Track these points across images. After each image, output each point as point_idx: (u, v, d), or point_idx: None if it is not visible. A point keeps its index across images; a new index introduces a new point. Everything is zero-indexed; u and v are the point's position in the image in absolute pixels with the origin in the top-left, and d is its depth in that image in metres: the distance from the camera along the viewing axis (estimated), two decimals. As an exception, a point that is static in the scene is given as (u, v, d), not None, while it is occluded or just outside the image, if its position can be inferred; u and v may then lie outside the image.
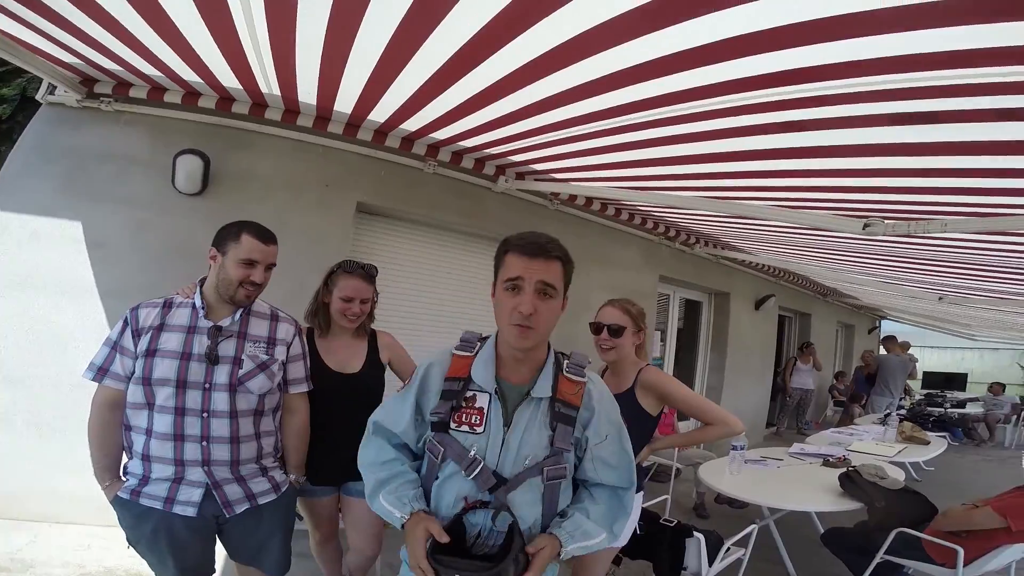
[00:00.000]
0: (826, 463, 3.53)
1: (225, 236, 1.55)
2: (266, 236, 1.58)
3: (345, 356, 1.95)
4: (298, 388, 1.72)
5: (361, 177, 3.31)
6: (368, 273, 1.95)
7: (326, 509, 1.99)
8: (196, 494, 1.48)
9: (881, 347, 7.61)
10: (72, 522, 2.73)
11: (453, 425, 1.14)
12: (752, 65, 1.50)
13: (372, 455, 1.23)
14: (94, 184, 2.77)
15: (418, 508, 1.11)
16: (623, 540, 1.81)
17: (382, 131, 3.16)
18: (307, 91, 2.56)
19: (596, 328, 1.94)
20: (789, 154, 2.18)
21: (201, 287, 1.57)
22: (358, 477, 1.74)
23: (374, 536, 1.98)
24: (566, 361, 1.23)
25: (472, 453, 1.11)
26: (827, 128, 1.82)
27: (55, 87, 2.71)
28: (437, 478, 1.15)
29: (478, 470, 1.10)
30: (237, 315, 1.56)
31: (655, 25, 1.40)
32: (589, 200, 4.27)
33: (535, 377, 1.18)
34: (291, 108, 2.95)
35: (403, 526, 1.10)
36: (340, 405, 1.85)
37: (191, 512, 1.48)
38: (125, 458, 1.54)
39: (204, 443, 1.47)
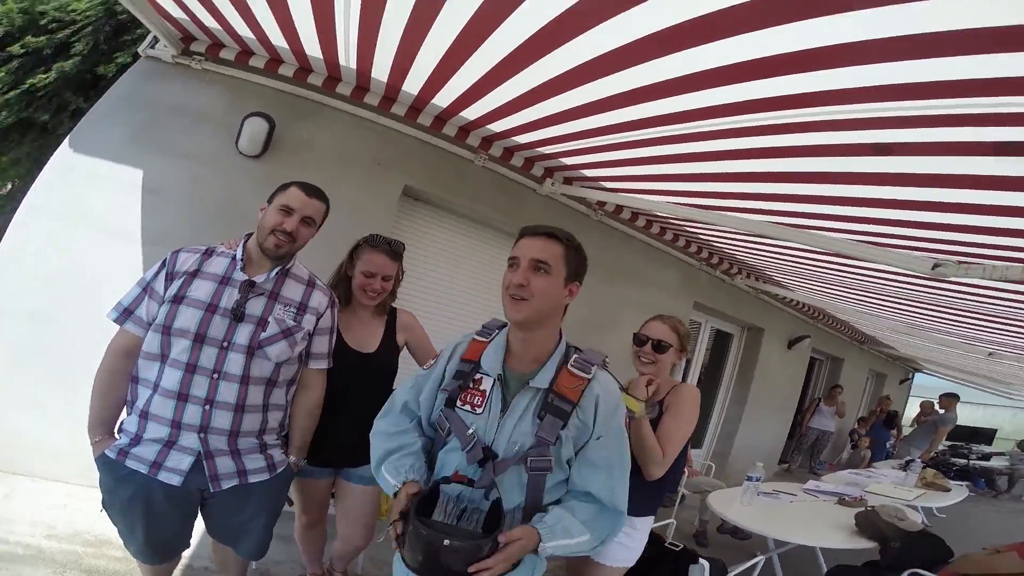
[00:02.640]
0: (841, 502, 3.50)
1: (277, 191, 1.55)
2: (310, 190, 1.54)
3: (363, 334, 1.88)
4: (318, 364, 1.64)
5: (412, 161, 3.34)
6: (394, 249, 1.87)
7: (319, 492, 1.91)
8: (185, 462, 1.41)
9: (936, 403, 7.46)
10: (55, 479, 2.68)
11: (459, 404, 1.21)
12: (830, 79, 1.43)
13: (387, 425, 1.30)
14: (163, 136, 2.89)
15: (411, 478, 1.18)
16: (631, 560, 1.75)
17: (442, 118, 3.21)
18: (382, 65, 2.61)
19: (640, 340, 1.88)
20: (856, 180, 2.08)
21: (246, 241, 1.55)
22: (360, 462, 1.80)
23: (365, 526, 1.90)
24: (576, 355, 1.22)
25: (470, 431, 1.18)
26: (914, 154, 1.70)
27: (156, 42, 2.85)
28: (443, 447, 1.23)
29: (470, 447, 1.16)
30: (273, 273, 1.51)
31: (722, 33, 1.38)
32: (634, 215, 4.21)
33: (540, 367, 1.21)
34: (362, 85, 3.03)
35: (395, 495, 1.17)
36: (352, 384, 1.78)
37: (175, 480, 1.40)
38: (124, 414, 1.49)
39: (207, 407, 1.41)
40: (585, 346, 1.28)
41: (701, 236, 4.40)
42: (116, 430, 1.48)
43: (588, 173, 3.36)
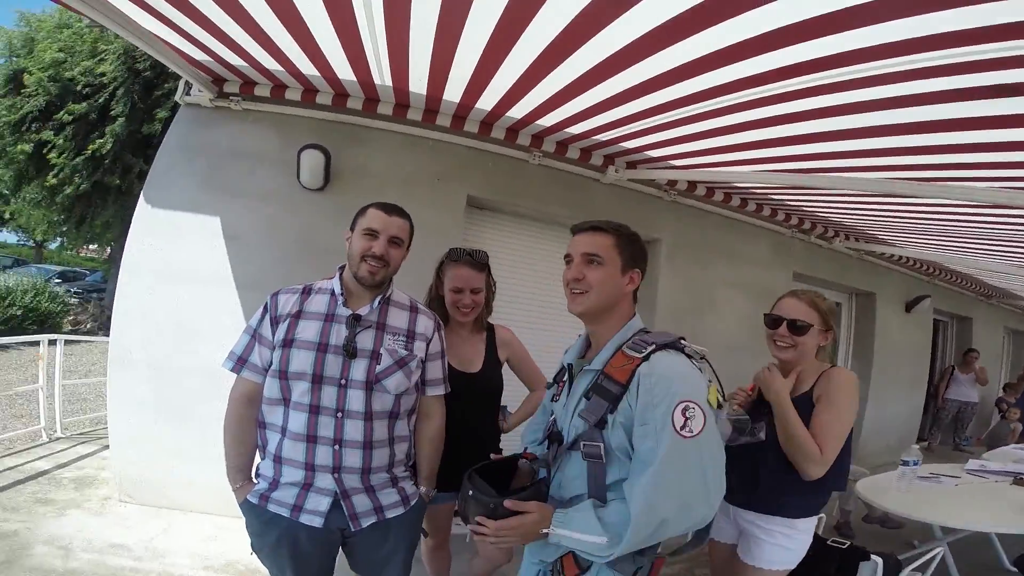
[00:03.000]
0: (1017, 481, 3.14)
1: (357, 215, 1.52)
2: (389, 208, 1.50)
3: (466, 353, 1.86)
4: (435, 390, 1.61)
5: (470, 170, 3.27)
6: (477, 260, 1.85)
7: (443, 516, 1.91)
8: (324, 503, 1.41)
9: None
10: (203, 511, 2.91)
11: (556, 398, 1.32)
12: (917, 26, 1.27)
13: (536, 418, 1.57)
14: (229, 180, 2.98)
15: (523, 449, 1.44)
16: (792, 563, 1.60)
17: (487, 122, 3.10)
18: (418, 78, 2.52)
19: (773, 322, 1.68)
20: (976, 125, 1.79)
21: (341, 273, 1.52)
22: None
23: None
24: (635, 337, 1.17)
25: (552, 417, 1.32)
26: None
27: (190, 87, 2.95)
28: None
29: (545, 429, 1.31)
30: (376, 302, 1.47)
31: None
32: (710, 190, 3.87)
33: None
34: (401, 102, 2.96)
35: None
36: (462, 406, 1.73)
37: (317, 522, 1.41)
38: (258, 458, 1.51)
39: (336, 447, 1.41)
40: (677, 333, 1.20)
41: (789, 202, 4.03)
42: (254, 474, 1.51)
43: (654, 154, 3.11)
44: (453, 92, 2.66)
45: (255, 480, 1.49)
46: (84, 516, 2.82)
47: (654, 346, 1.10)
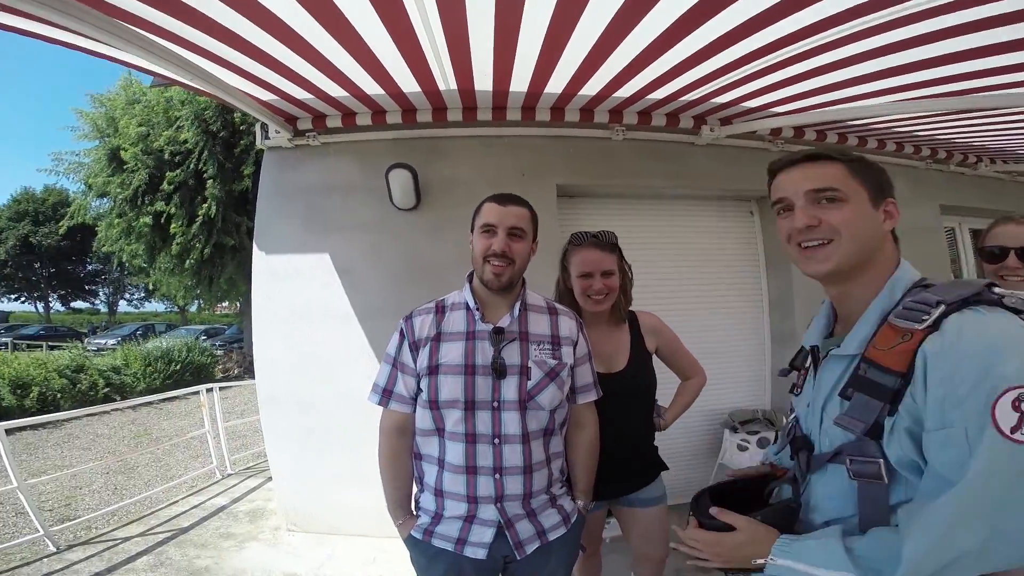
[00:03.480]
0: None
1: (474, 215, 1.42)
2: (504, 198, 1.38)
3: (607, 350, 1.68)
4: (587, 397, 1.48)
5: (553, 160, 3.17)
6: (603, 240, 1.68)
7: (596, 525, 1.82)
8: (488, 534, 1.34)
9: None
10: (362, 534, 3.06)
11: (797, 391, 1.05)
12: None
13: None
14: (327, 215, 3.10)
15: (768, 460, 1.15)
16: None
17: (558, 107, 2.95)
18: (483, 73, 2.44)
19: (993, 255, 1.41)
20: None
21: (471, 282, 1.42)
22: (636, 487, 1.73)
23: (663, 540, 1.77)
24: (907, 298, 0.82)
25: (792, 416, 1.04)
26: None
27: (267, 131, 3.09)
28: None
29: (787, 435, 1.02)
30: (516, 310, 1.37)
31: None
32: (820, 132, 3.41)
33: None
34: (468, 104, 2.90)
35: None
36: (611, 411, 1.57)
37: (481, 554, 1.34)
38: (415, 489, 1.46)
39: (497, 476, 1.32)
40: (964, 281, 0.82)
41: (919, 133, 3.48)
42: (414, 506, 1.46)
43: (752, 104, 2.77)
44: (519, 82, 2.56)
45: (416, 513, 1.44)
46: (261, 548, 3.09)
47: (943, 306, 0.75)
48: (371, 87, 2.57)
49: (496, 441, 1.32)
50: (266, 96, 2.67)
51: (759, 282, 3.65)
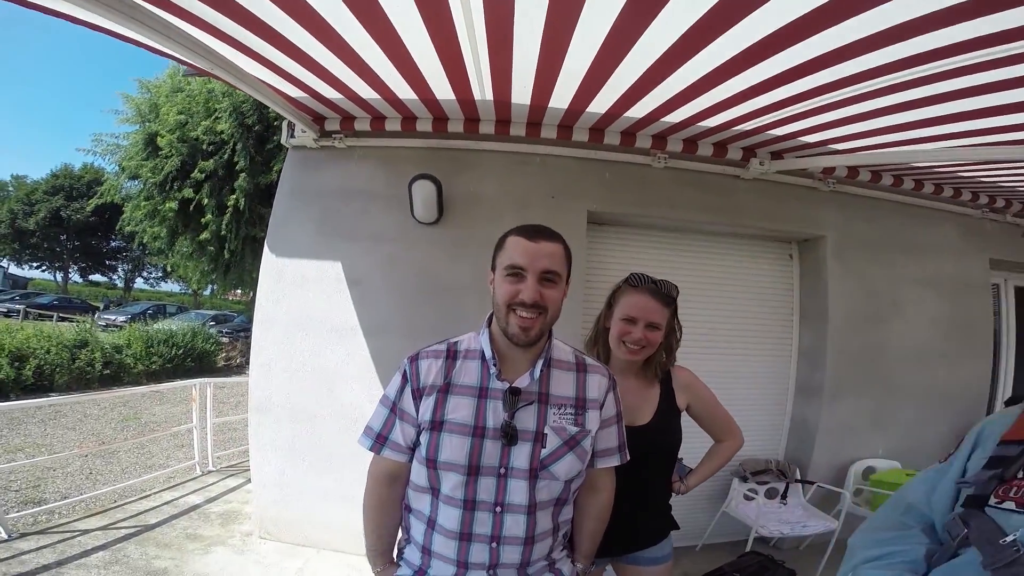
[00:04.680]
0: None
1: (496, 248, 1.22)
2: (533, 232, 1.16)
3: (633, 403, 1.52)
4: (607, 462, 1.30)
5: (586, 183, 3.00)
6: (661, 291, 1.54)
7: None
8: None
9: None
10: (338, 550, 2.90)
11: (994, 501, 0.83)
12: None
13: (878, 524, 1.00)
14: (344, 222, 2.95)
15: None
16: None
17: (598, 127, 2.79)
18: (523, 86, 2.30)
19: None
20: None
21: (490, 325, 1.23)
22: (643, 546, 1.61)
23: None
24: None
25: (1009, 538, 0.77)
26: None
27: (293, 129, 2.97)
28: (947, 561, 0.85)
29: (1003, 564, 0.76)
30: (538, 370, 1.19)
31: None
32: (875, 174, 3.21)
33: None
34: (503, 117, 2.76)
35: None
36: (626, 465, 1.41)
37: None
38: (401, 535, 1.33)
39: (493, 544, 1.18)
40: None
41: (981, 179, 3.28)
42: (396, 556, 1.34)
43: (809, 139, 2.58)
44: (561, 98, 2.40)
45: (398, 563, 1.30)
46: (227, 553, 2.92)
47: None
48: (404, 91, 2.44)
49: (498, 509, 1.16)
50: (295, 93, 2.56)
51: (790, 329, 3.45)
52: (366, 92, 2.49)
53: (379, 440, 1.23)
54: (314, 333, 2.92)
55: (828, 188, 3.23)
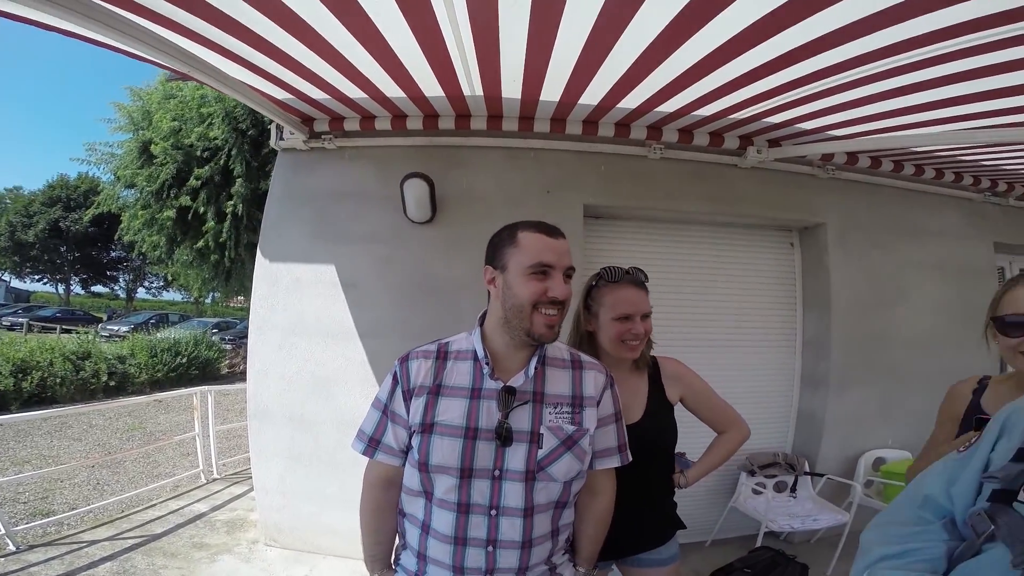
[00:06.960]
0: None
1: (498, 245, 1.17)
2: (551, 229, 1.15)
3: (624, 400, 1.47)
4: (607, 463, 1.26)
5: (582, 177, 2.95)
6: (638, 279, 1.49)
7: None
8: None
9: None
10: (343, 555, 2.88)
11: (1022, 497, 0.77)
12: None
13: (892, 518, 0.94)
14: (337, 225, 2.91)
15: None
16: None
17: (591, 120, 2.75)
18: (512, 79, 2.26)
19: (1012, 326, 1.20)
20: None
21: (482, 325, 1.21)
22: (648, 547, 1.58)
23: None
24: None
25: None
26: None
27: (282, 132, 2.93)
28: (972, 557, 0.79)
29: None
30: (532, 367, 1.16)
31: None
32: (875, 159, 3.16)
33: None
34: (494, 112, 2.72)
35: None
36: (622, 467, 1.38)
37: None
38: (398, 541, 1.32)
39: (490, 548, 1.15)
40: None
41: (983, 162, 3.24)
42: (393, 560, 1.33)
43: (807, 126, 2.55)
44: (552, 91, 2.36)
45: (395, 569, 1.29)
46: (234, 561, 2.91)
47: None
48: (391, 89, 2.40)
49: (493, 512, 1.13)
50: (281, 95, 2.52)
51: (793, 319, 3.40)
52: (353, 92, 2.45)
53: (372, 444, 1.21)
54: (310, 337, 2.89)
55: (827, 175, 3.19)
